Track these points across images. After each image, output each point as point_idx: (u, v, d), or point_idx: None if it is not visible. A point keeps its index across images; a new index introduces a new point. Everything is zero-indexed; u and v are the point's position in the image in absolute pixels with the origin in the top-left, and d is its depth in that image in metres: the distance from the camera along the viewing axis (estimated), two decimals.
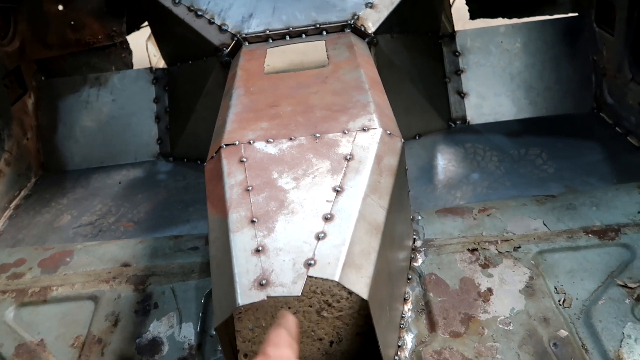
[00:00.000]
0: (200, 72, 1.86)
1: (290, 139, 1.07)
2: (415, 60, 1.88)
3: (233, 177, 0.98)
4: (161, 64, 2.30)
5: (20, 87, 2.11)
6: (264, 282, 0.78)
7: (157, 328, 1.13)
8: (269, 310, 0.77)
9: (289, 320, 0.74)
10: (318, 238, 0.84)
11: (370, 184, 0.94)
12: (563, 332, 1.03)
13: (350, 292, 0.79)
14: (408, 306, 1.11)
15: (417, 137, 1.91)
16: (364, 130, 1.06)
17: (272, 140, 1.07)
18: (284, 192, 0.94)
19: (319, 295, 0.78)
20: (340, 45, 1.48)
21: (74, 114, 2.15)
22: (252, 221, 0.88)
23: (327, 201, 0.91)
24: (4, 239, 1.75)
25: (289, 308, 0.78)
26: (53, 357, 1.10)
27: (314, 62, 1.41)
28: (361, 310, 0.80)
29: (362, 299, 0.78)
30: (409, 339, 1.05)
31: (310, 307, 0.78)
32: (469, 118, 1.96)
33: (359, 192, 0.92)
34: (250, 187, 0.95)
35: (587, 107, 1.93)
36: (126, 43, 2.32)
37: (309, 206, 0.90)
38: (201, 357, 1.07)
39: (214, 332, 1.11)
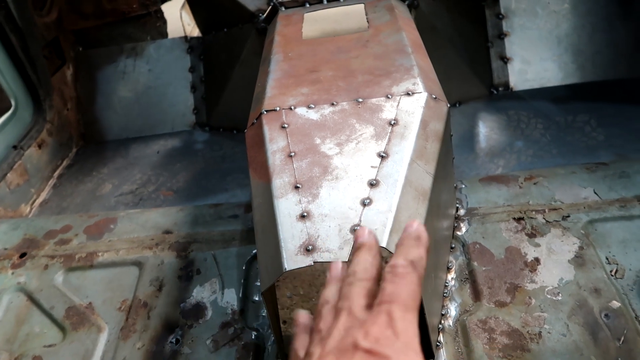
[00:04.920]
0: (235, 40, 1.84)
1: (332, 104, 1.04)
2: (457, 23, 1.81)
3: (275, 143, 0.97)
4: (195, 32, 2.28)
5: (59, 58, 2.13)
6: (310, 247, 0.77)
7: (201, 293, 1.15)
8: (306, 279, 0.76)
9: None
10: (364, 204, 0.82)
11: (416, 150, 0.91)
12: (615, 304, 0.99)
13: (387, 261, 0.77)
14: (451, 275, 1.09)
15: (457, 105, 1.85)
16: (408, 94, 1.03)
17: (313, 106, 1.04)
18: (327, 158, 0.92)
19: None
20: (380, 8, 1.43)
21: (111, 84, 2.17)
22: (296, 187, 0.87)
23: (372, 167, 0.88)
24: (49, 206, 1.80)
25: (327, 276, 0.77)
26: (101, 319, 1.13)
27: (354, 26, 1.36)
28: None
29: None
30: (452, 308, 1.04)
31: None
32: (512, 84, 1.89)
33: (404, 157, 0.89)
34: (293, 153, 0.94)
35: None
36: (160, 12, 2.32)
37: (353, 172, 0.88)
38: (244, 322, 1.08)
39: (256, 299, 1.12)
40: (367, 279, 0.54)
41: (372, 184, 0.85)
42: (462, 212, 1.21)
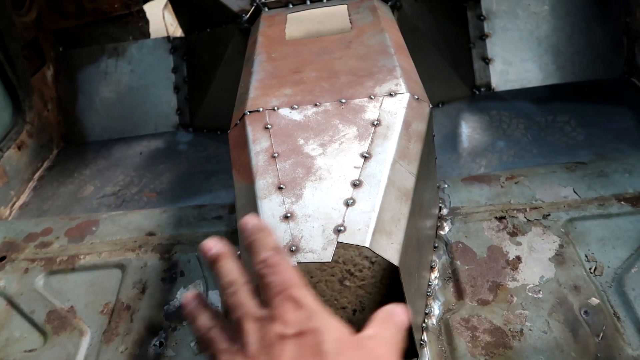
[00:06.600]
0: (219, 40, 1.83)
1: (316, 105, 1.04)
2: (439, 25, 1.82)
3: (258, 144, 0.97)
4: (178, 32, 2.27)
5: (39, 58, 2.10)
6: (293, 248, 0.77)
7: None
8: None
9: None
10: (347, 204, 0.83)
11: (399, 150, 0.92)
12: (594, 300, 1.01)
13: (373, 262, 0.77)
14: (435, 274, 1.10)
15: (440, 105, 1.87)
16: (390, 95, 1.03)
17: (296, 107, 1.04)
18: (310, 159, 0.92)
19: (341, 264, 0.77)
20: (363, 9, 1.44)
21: (93, 85, 2.14)
22: (280, 188, 0.87)
23: (355, 167, 0.89)
24: (29, 209, 1.78)
25: (312, 277, 0.77)
26: (83, 323, 1.12)
27: (337, 26, 1.37)
28: (384, 280, 0.79)
29: (391, 266, 0.77)
30: (436, 307, 1.05)
31: (333, 276, 0.78)
32: (493, 85, 1.91)
33: (387, 158, 0.90)
34: (277, 154, 0.94)
35: (618, 71, 1.86)
36: (143, 12, 2.29)
37: (336, 173, 0.88)
38: (229, 324, 1.08)
39: None
40: (246, 282, 0.54)
41: (356, 185, 0.86)
42: (445, 211, 1.22)
